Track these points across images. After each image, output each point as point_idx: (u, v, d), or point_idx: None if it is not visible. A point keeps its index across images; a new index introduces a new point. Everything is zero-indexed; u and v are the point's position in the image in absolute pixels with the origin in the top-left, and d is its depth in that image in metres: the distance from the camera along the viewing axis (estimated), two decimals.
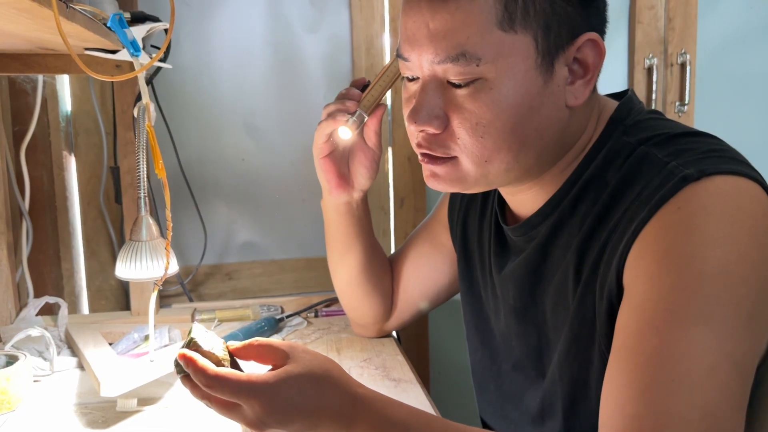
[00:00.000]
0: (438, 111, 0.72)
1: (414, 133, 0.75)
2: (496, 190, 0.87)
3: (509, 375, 0.87)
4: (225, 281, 1.52)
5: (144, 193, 0.93)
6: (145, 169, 0.94)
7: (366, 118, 0.95)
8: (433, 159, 0.75)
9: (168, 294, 1.44)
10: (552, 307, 0.77)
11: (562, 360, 0.75)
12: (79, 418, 0.94)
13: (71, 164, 1.43)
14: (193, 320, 1.28)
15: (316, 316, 1.33)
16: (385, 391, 0.98)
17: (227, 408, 0.66)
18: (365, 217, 1.05)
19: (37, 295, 1.33)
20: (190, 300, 1.41)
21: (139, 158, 0.92)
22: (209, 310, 1.31)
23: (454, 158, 0.74)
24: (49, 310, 1.30)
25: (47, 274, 1.39)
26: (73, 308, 1.44)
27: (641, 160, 0.70)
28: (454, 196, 1.00)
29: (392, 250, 1.54)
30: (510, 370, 0.87)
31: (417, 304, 1.09)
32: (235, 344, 0.70)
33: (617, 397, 0.62)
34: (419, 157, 0.76)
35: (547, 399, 0.79)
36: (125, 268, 0.92)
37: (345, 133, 0.95)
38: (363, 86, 0.97)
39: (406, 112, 0.75)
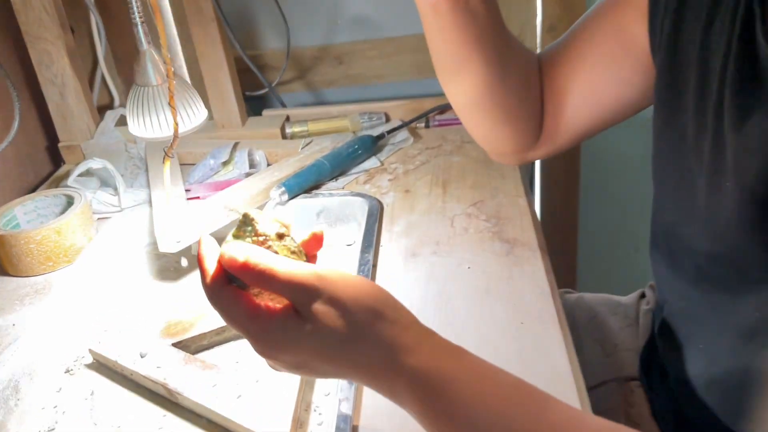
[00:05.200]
0: None
1: None
2: None
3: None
4: (335, 66, 1.29)
5: (138, 16, 0.66)
6: None
7: None
8: None
9: (256, 96, 1.22)
10: None
11: None
12: (150, 264, 0.82)
13: None
14: (283, 135, 1.08)
15: (427, 126, 1.08)
16: (492, 258, 0.75)
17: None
18: (487, 14, 0.67)
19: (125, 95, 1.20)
20: (282, 105, 1.20)
21: None
22: (301, 121, 1.10)
23: None
24: None
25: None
26: None
27: None
28: None
29: None
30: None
31: (582, 126, 0.73)
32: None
33: None
34: None
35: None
36: (137, 125, 0.70)
37: None
38: None
39: None
